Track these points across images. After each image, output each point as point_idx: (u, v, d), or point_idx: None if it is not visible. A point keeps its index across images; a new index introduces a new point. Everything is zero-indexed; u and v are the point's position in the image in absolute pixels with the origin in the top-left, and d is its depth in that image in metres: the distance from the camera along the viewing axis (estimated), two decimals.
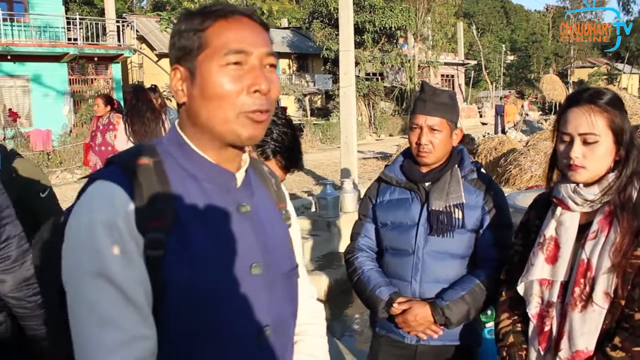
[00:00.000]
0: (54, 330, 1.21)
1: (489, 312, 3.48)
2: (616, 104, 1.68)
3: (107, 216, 1.04)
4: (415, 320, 2.16)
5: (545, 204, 1.85)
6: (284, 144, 1.85)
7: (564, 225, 1.74)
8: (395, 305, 2.20)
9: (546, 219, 1.80)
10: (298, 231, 1.45)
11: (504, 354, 1.87)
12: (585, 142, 1.66)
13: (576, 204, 1.71)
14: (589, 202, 1.69)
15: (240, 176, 1.21)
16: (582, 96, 1.69)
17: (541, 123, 24.44)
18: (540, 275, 1.77)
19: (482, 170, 2.36)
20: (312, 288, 1.51)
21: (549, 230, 1.77)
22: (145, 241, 1.06)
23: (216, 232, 1.13)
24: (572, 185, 1.71)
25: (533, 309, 1.80)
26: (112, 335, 1.01)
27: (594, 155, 1.66)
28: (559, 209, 1.76)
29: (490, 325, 3.44)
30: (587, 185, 1.70)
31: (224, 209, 1.16)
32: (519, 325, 1.89)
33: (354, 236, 2.46)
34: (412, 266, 2.24)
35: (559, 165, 1.77)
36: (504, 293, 1.97)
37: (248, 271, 1.16)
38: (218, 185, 1.17)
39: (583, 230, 1.72)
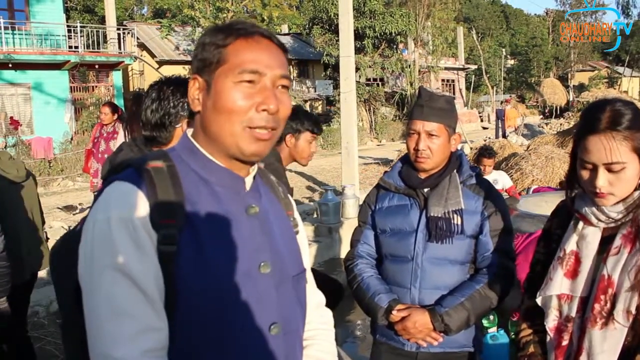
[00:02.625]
0: (69, 332, 1.26)
1: (491, 317, 3.46)
2: (638, 124, 1.56)
3: (122, 212, 1.10)
4: (415, 328, 2.15)
5: (567, 213, 1.78)
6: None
7: (585, 239, 1.68)
8: (394, 312, 2.19)
9: (567, 231, 1.75)
10: (305, 239, 1.49)
11: None
12: (610, 171, 1.56)
13: (599, 220, 1.64)
14: (612, 220, 1.63)
15: (249, 181, 1.27)
16: (601, 121, 1.56)
17: (542, 127, 24.42)
18: (559, 291, 1.72)
19: (481, 175, 2.35)
20: (320, 295, 1.54)
21: (570, 245, 1.71)
22: (158, 237, 1.12)
23: (226, 231, 1.19)
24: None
25: (551, 323, 1.75)
26: (125, 326, 1.07)
27: (621, 182, 1.57)
28: (580, 223, 1.70)
29: (492, 330, 3.42)
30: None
31: (234, 210, 1.22)
32: (540, 335, 1.84)
33: (354, 243, 2.46)
34: (411, 273, 2.22)
35: (584, 188, 1.68)
36: (524, 302, 1.92)
37: (257, 269, 1.22)
38: (228, 189, 1.23)
39: (605, 243, 1.66)
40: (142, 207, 1.11)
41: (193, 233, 1.14)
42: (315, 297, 1.49)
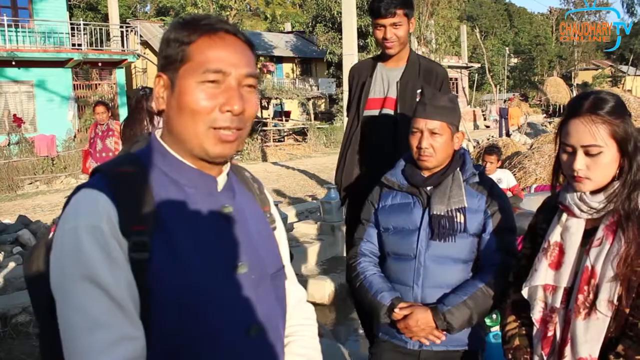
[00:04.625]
0: (45, 341, 1.23)
1: (494, 316, 3.46)
2: (619, 111, 1.63)
3: (91, 221, 1.07)
4: (417, 326, 2.15)
5: (552, 208, 1.83)
6: None
7: (569, 230, 1.72)
8: (396, 310, 2.19)
9: (552, 224, 1.79)
10: (284, 234, 1.47)
11: (510, 356, 1.87)
12: (588, 154, 1.62)
13: (582, 211, 1.69)
14: (594, 210, 1.67)
15: (221, 180, 1.25)
16: (583, 106, 1.64)
17: (545, 126, 24.38)
18: (544, 281, 1.76)
19: (484, 173, 2.35)
20: (301, 290, 1.51)
21: (554, 236, 1.76)
22: (129, 244, 1.09)
23: (200, 234, 1.16)
24: (578, 193, 1.68)
25: (537, 314, 1.79)
26: (100, 337, 1.03)
27: (598, 166, 1.63)
28: (564, 215, 1.75)
29: (495, 329, 3.42)
30: (593, 193, 1.67)
31: (207, 211, 1.19)
32: (525, 328, 1.88)
33: (357, 241, 2.46)
34: (413, 271, 2.22)
35: (564, 173, 1.75)
36: (511, 295, 1.95)
37: (233, 271, 1.19)
38: (200, 189, 1.20)
39: (588, 235, 1.70)
40: (111, 214, 1.08)
41: (165, 238, 1.11)
42: (295, 293, 1.47)
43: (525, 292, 1.82)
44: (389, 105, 3.10)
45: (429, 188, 2.25)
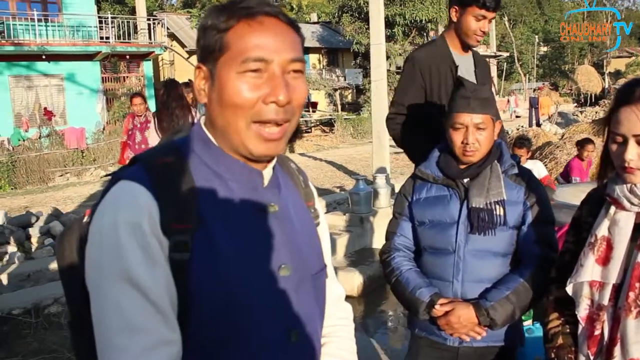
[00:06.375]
0: (77, 330, 1.18)
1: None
2: None
3: (131, 217, 1.01)
4: (459, 322, 2.10)
5: (599, 200, 1.74)
6: None
7: (618, 224, 1.63)
8: (437, 306, 2.14)
9: (599, 217, 1.70)
10: (326, 230, 1.41)
11: (553, 355, 1.79)
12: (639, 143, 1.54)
13: (632, 204, 1.60)
14: None
15: (267, 174, 1.17)
16: (635, 93, 1.55)
17: (577, 115, 23.94)
18: (590, 278, 1.67)
19: (521, 164, 2.28)
20: (340, 288, 1.45)
21: (602, 230, 1.67)
22: (170, 244, 1.03)
23: (243, 234, 1.10)
24: (628, 184, 1.60)
25: (582, 312, 1.70)
26: (136, 340, 0.98)
27: None
28: (612, 208, 1.66)
29: (527, 323, 3.35)
30: None
31: (251, 209, 1.13)
32: (569, 326, 1.80)
33: (390, 235, 2.40)
34: (453, 266, 2.17)
35: (614, 164, 1.66)
36: (553, 292, 1.88)
37: (276, 273, 1.13)
38: (244, 185, 1.13)
39: (639, 229, 1.61)
40: (152, 210, 1.02)
41: (207, 237, 1.05)
42: (335, 291, 1.41)
43: (569, 289, 1.74)
44: None
45: (465, 180, 2.19)
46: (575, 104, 37.82)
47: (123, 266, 0.99)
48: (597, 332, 1.66)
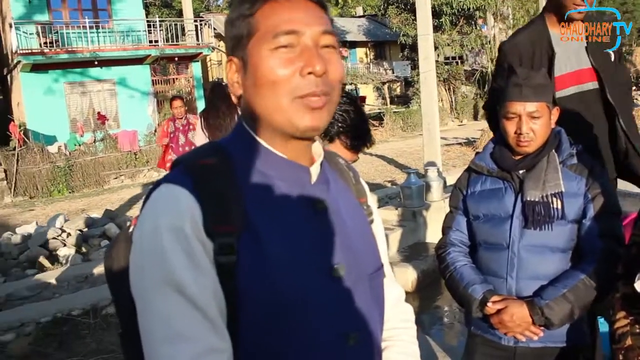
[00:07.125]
0: (126, 340, 1.14)
1: None
2: None
3: (173, 221, 0.96)
4: (512, 321, 2.00)
5: None
6: (347, 123, 1.77)
7: None
8: (489, 304, 2.05)
9: None
10: (381, 228, 1.32)
11: (621, 357, 1.66)
12: None
13: None
14: None
15: (315, 171, 1.10)
16: None
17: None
18: None
19: (583, 153, 2.13)
20: (399, 289, 1.36)
21: None
22: (214, 247, 0.97)
23: (292, 233, 1.03)
24: None
25: None
26: (183, 349, 0.93)
27: None
28: None
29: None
30: None
31: (299, 207, 1.06)
32: (638, 326, 1.67)
33: (445, 230, 2.33)
34: (507, 262, 2.07)
35: None
36: (620, 289, 1.75)
37: (329, 274, 1.05)
38: (291, 182, 1.07)
39: None
40: (195, 213, 0.97)
41: (254, 238, 0.99)
42: (393, 292, 1.32)
43: (638, 285, 1.61)
44: (587, 79, 2.70)
45: (521, 172, 2.09)
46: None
47: (167, 271, 0.94)
48: None
